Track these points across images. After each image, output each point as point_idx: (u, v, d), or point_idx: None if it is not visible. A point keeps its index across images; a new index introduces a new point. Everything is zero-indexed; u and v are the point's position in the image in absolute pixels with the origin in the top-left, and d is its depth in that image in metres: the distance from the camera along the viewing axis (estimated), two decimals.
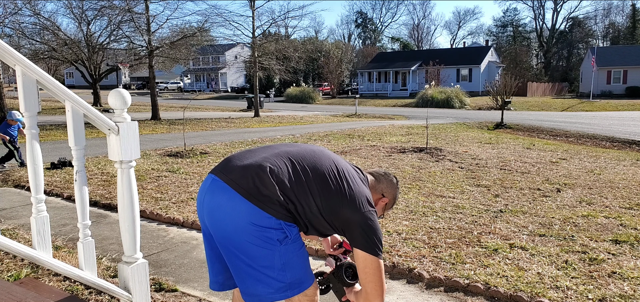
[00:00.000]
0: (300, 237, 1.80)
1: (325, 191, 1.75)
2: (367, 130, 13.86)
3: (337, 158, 1.91)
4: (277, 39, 25.78)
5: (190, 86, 61.66)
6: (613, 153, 9.80)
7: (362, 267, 1.74)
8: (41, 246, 1.99)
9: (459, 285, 3.00)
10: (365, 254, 1.73)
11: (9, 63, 1.84)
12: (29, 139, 1.93)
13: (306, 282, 1.78)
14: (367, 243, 1.74)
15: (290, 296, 1.76)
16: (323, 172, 1.78)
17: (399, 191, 2.10)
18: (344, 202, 1.76)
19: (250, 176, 1.69)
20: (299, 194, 1.72)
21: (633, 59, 40.88)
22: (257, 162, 1.74)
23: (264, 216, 1.65)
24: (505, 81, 19.12)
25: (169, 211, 4.71)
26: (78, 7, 21.29)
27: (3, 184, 6.25)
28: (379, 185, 1.99)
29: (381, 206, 1.99)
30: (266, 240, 1.66)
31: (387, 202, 2.01)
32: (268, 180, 1.68)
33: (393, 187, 2.02)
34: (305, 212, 1.73)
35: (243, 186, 1.67)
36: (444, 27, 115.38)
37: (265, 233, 1.66)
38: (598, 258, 3.43)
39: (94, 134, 11.01)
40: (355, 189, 1.81)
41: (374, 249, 1.73)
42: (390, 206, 2.05)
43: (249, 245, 1.67)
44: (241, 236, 1.67)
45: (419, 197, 5.32)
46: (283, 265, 1.70)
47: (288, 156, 1.79)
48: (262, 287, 1.71)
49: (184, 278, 3.18)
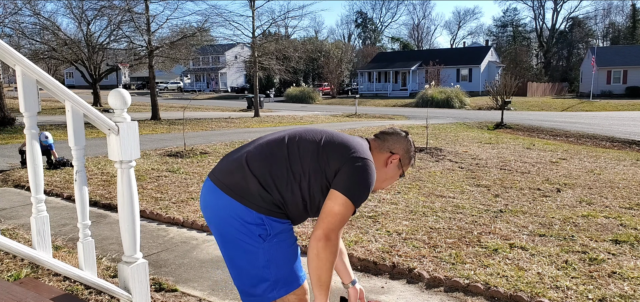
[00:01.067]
0: (289, 234, 1.71)
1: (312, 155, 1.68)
2: (367, 130, 13.86)
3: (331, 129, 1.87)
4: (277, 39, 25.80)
5: (190, 86, 61.66)
6: (613, 153, 9.80)
7: (332, 198, 1.62)
8: (41, 246, 1.99)
9: (459, 285, 3.00)
10: (340, 194, 1.62)
11: (8, 63, 1.83)
12: (29, 139, 1.93)
13: (294, 281, 1.72)
14: (348, 186, 1.62)
15: (280, 295, 1.70)
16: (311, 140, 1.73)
17: (412, 144, 1.89)
18: (334, 154, 1.67)
19: (232, 172, 1.70)
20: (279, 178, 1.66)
21: (633, 59, 40.88)
22: (239, 156, 1.74)
23: (245, 211, 1.65)
24: (505, 81, 19.12)
25: (169, 211, 4.71)
26: (78, 7, 21.32)
27: (3, 184, 6.25)
28: (385, 143, 1.85)
29: (394, 164, 1.85)
30: (250, 236, 1.65)
31: (399, 157, 1.85)
32: (247, 172, 1.67)
33: (402, 139, 1.87)
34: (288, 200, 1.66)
35: (226, 183, 1.68)
36: (444, 27, 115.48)
37: (248, 229, 1.65)
38: (598, 258, 3.42)
39: (94, 134, 11.01)
40: (349, 140, 1.74)
41: (351, 194, 1.62)
42: (408, 162, 1.89)
43: (237, 242, 1.67)
44: (229, 233, 1.68)
45: (419, 197, 5.32)
46: (267, 262, 1.66)
47: (270, 142, 1.74)
48: (255, 287, 1.70)
49: (184, 278, 3.18)
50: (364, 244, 3.71)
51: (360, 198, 1.66)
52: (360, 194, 1.65)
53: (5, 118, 14.00)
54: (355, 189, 1.64)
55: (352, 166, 1.65)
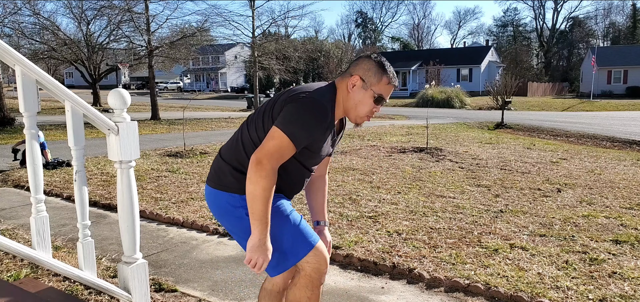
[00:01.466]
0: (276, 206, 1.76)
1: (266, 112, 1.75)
2: (367, 130, 13.86)
3: None
4: (277, 38, 25.80)
5: (190, 86, 61.65)
6: (613, 153, 9.79)
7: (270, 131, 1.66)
8: (41, 246, 1.98)
9: (460, 285, 3.00)
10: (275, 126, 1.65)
11: (8, 63, 1.83)
12: (29, 139, 1.92)
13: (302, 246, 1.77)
14: (283, 120, 1.64)
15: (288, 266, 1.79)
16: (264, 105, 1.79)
17: (378, 60, 1.76)
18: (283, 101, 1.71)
19: (213, 168, 1.86)
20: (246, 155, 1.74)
21: (633, 59, 40.88)
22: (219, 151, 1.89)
23: (229, 197, 1.78)
24: (505, 81, 19.11)
25: (168, 211, 4.70)
26: (78, 7, 21.32)
27: (3, 184, 6.25)
28: (347, 72, 1.80)
29: (357, 86, 1.75)
30: (239, 218, 1.77)
31: (360, 77, 1.75)
32: (221, 162, 1.82)
33: (361, 60, 1.79)
34: None
35: (212, 179, 1.84)
36: (444, 27, 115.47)
37: (235, 212, 1.77)
38: (598, 258, 3.42)
39: (93, 134, 11.01)
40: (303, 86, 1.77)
41: (284, 126, 1.63)
42: (374, 79, 1.75)
43: (235, 227, 1.81)
44: (228, 221, 1.82)
45: (419, 197, 5.32)
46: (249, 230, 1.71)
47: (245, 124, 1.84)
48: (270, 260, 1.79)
49: (183, 278, 3.18)
50: (364, 244, 3.71)
51: (295, 131, 1.63)
52: (293, 127, 1.63)
53: (5, 118, 14.01)
54: (289, 121, 1.64)
55: (291, 104, 1.67)
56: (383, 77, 1.77)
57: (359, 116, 1.80)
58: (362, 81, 1.75)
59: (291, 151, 1.66)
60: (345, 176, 6.57)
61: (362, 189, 5.73)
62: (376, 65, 1.76)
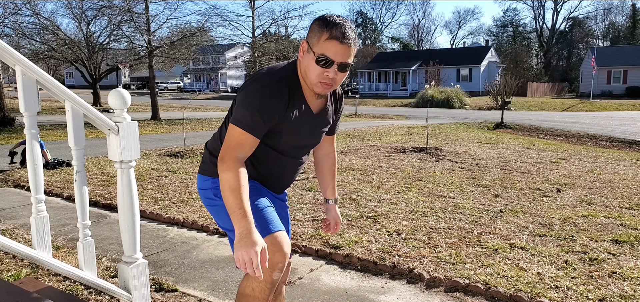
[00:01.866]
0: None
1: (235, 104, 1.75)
2: (367, 130, 13.86)
3: None
4: (277, 39, 25.80)
5: (190, 86, 61.65)
6: (613, 153, 9.80)
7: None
8: (41, 246, 1.99)
9: (459, 285, 3.00)
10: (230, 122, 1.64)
11: (8, 63, 1.83)
12: (29, 139, 1.93)
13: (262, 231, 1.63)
14: (234, 110, 1.64)
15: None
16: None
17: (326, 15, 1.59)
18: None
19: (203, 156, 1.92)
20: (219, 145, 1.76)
21: (633, 59, 40.89)
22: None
23: (203, 179, 1.85)
24: (505, 81, 19.12)
25: (169, 211, 4.70)
26: (78, 7, 21.32)
27: (3, 184, 6.25)
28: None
29: (304, 51, 1.62)
30: (210, 201, 1.81)
31: (306, 40, 1.61)
32: (205, 150, 1.90)
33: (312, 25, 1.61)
34: None
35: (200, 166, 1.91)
36: (444, 27, 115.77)
37: (206, 194, 1.83)
38: (598, 258, 3.42)
39: (93, 134, 11.01)
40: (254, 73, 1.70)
41: (234, 118, 1.61)
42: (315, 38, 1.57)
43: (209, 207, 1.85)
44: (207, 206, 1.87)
45: (419, 197, 5.32)
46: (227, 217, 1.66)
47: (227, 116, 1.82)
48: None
49: (184, 278, 3.18)
50: (364, 244, 3.71)
51: (242, 117, 1.58)
52: (240, 113, 1.59)
53: (5, 118, 14.01)
54: (236, 109, 1.62)
55: (240, 91, 1.64)
56: (323, 32, 1.55)
57: (312, 85, 1.63)
58: (307, 44, 1.60)
59: (249, 139, 1.60)
60: (345, 176, 6.57)
61: (362, 189, 5.73)
62: (317, 22, 1.58)
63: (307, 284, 3.11)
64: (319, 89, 1.63)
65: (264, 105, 1.58)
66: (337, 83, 1.64)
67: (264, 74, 1.64)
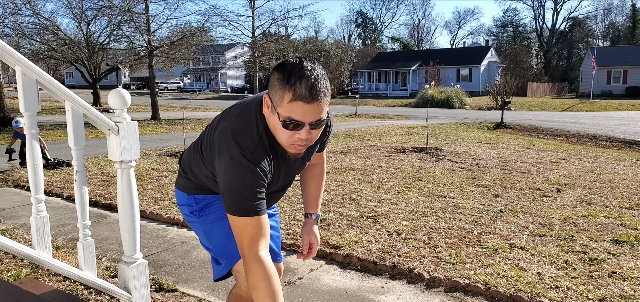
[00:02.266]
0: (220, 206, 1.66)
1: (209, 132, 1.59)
2: (367, 130, 13.86)
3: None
4: (277, 39, 25.81)
5: (190, 86, 61.65)
6: (613, 153, 9.80)
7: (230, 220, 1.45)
8: (41, 246, 1.99)
9: (459, 285, 3.00)
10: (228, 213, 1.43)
11: (8, 63, 1.83)
12: (29, 139, 1.93)
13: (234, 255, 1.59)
14: (226, 204, 1.41)
15: (228, 266, 1.65)
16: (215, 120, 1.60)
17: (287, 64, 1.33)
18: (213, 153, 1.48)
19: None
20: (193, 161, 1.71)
21: (633, 59, 40.88)
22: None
23: (179, 195, 1.81)
24: (505, 81, 19.12)
25: (169, 211, 4.70)
26: (78, 7, 21.32)
27: (3, 184, 6.25)
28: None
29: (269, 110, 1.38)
30: (188, 216, 1.80)
31: (269, 95, 1.37)
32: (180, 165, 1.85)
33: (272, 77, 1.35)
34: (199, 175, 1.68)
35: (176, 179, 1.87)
36: (444, 27, 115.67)
37: (184, 210, 1.81)
38: (598, 258, 3.42)
39: (93, 134, 11.01)
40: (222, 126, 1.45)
41: (236, 211, 1.39)
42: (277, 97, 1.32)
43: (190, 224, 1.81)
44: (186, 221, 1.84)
45: (419, 197, 5.32)
46: (205, 233, 1.73)
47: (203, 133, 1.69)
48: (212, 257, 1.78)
49: (184, 278, 3.18)
50: (364, 244, 3.71)
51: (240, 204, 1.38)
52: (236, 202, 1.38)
53: (5, 118, 14.02)
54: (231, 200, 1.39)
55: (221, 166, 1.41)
56: (285, 92, 1.30)
57: (284, 147, 1.43)
58: (271, 101, 1.36)
59: (260, 221, 1.40)
60: (345, 176, 6.57)
61: (362, 189, 5.73)
62: (277, 75, 1.33)
63: (307, 284, 3.11)
64: (293, 150, 1.42)
65: (256, 182, 1.39)
66: (313, 140, 1.40)
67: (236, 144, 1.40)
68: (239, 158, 1.37)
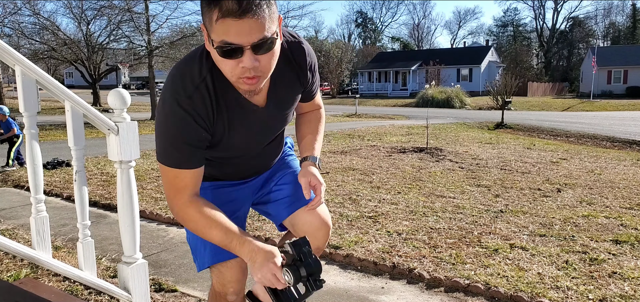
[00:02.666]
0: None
1: None
2: (368, 130, 13.86)
3: None
4: None
5: None
6: (614, 153, 9.79)
7: None
8: (41, 246, 1.98)
9: (460, 285, 3.00)
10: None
11: (8, 63, 1.83)
12: (29, 139, 1.92)
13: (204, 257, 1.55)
14: (157, 151, 1.34)
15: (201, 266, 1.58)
16: None
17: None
18: None
19: None
20: None
21: (633, 59, 40.89)
22: None
23: None
24: (505, 81, 19.11)
25: (168, 211, 4.70)
26: (77, 7, 21.32)
27: (3, 184, 6.25)
28: None
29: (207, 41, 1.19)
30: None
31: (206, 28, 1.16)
32: None
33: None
34: None
35: None
36: (444, 27, 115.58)
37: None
38: (598, 258, 3.42)
39: (93, 134, 11.01)
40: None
41: (162, 158, 1.31)
42: (208, 21, 1.12)
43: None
44: None
45: (419, 197, 5.32)
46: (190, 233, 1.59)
47: None
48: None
49: (183, 278, 3.18)
50: (364, 244, 3.71)
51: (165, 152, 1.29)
52: (161, 147, 1.30)
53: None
54: (157, 143, 1.32)
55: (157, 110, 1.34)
56: (212, 11, 1.09)
57: (234, 84, 1.24)
58: (206, 30, 1.16)
59: (188, 174, 1.30)
60: (345, 176, 6.57)
61: (362, 189, 5.73)
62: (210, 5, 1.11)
63: None
64: (245, 86, 1.21)
65: (185, 133, 1.25)
66: (265, 69, 1.19)
67: (173, 87, 1.24)
68: (171, 103, 1.23)
